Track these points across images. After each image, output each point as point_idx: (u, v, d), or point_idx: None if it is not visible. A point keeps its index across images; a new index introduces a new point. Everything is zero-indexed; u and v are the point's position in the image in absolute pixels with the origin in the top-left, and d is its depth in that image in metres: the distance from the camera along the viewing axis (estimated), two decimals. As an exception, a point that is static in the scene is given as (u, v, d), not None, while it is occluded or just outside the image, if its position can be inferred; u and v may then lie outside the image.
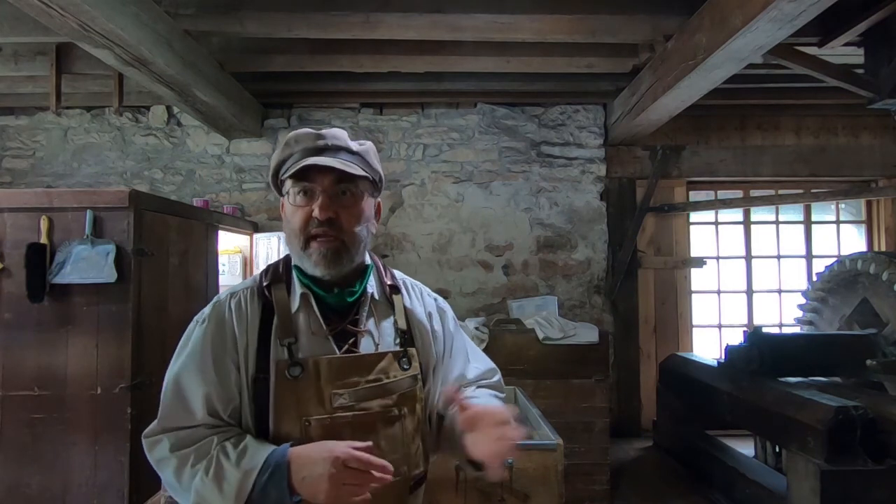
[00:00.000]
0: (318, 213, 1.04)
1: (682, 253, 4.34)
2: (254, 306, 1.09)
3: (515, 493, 1.75)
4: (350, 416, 1.05)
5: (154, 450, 1.04)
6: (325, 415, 1.04)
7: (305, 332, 1.08)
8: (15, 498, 2.35)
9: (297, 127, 4.05)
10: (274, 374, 1.04)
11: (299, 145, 1.09)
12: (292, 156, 1.09)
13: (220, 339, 1.07)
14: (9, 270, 2.38)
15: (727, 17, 2.36)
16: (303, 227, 1.06)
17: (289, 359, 1.04)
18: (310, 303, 1.10)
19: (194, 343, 1.08)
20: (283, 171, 1.11)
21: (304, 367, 1.04)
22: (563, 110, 4.18)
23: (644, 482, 3.32)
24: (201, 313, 1.12)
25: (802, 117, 4.37)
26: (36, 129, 4.15)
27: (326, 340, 1.09)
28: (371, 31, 2.85)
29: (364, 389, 1.07)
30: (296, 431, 1.03)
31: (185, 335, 1.11)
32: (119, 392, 2.37)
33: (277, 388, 1.03)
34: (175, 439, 1.02)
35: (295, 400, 1.03)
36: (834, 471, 2.25)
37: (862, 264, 3.05)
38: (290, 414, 1.03)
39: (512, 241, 4.12)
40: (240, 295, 1.11)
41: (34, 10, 2.13)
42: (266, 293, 1.10)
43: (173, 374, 1.07)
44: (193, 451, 1.01)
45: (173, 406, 1.05)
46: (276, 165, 1.12)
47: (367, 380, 1.08)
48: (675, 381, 3.63)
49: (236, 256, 3.85)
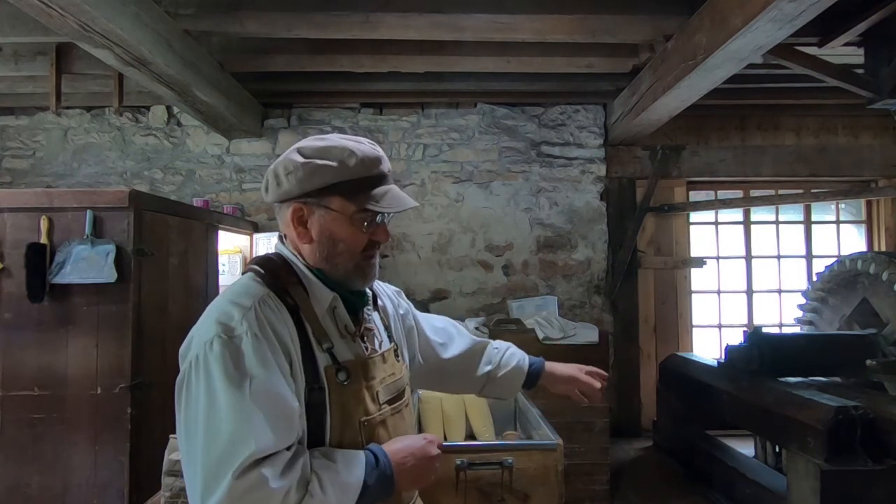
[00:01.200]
0: (383, 238, 1.12)
1: (682, 253, 4.34)
2: (284, 312, 1.03)
3: (515, 493, 1.75)
4: (389, 409, 1.13)
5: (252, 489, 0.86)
6: (378, 414, 1.10)
7: (335, 335, 1.09)
8: (15, 498, 2.35)
9: (297, 127, 4.12)
10: (327, 381, 1.03)
11: (366, 168, 1.05)
12: (370, 179, 1.06)
13: (275, 350, 0.97)
14: (9, 270, 2.38)
15: (727, 17, 2.36)
16: (363, 249, 1.10)
17: (334, 364, 1.05)
18: (337, 306, 1.11)
19: (256, 355, 0.94)
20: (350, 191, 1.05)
21: (349, 372, 1.06)
22: (563, 110, 4.18)
23: (644, 482, 3.32)
24: (226, 327, 0.95)
25: (802, 117, 4.37)
26: (36, 129, 4.15)
27: (354, 342, 1.12)
28: (371, 31, 2.85)
29: (390, 384, 1.15)
30: (353, 435, 1.04)
31: (222, 353, 0.92)
32: (119, 392, 2.37)
33: (333, 394, 1.03)
34: (271, 468, 0.88)
35: (354, 403, 1.06)
36: (834, 471, 2.25)
37: (862, 264, 3.05)
38: (351, 417, 1.05)
39: (512, 241, 4.12)
40: (268, 300, 1.02)
41: (34, 10, 2.13)
42: (287, 297, 1.05)
43: (255, 393, 0.91)
44: (290, 475, 0.90)
45: (275, 428, 0.90)
46: (333, 180, 1.04)
47: (388, 375, 1.16)
48: (675, 381, 3.63)
49: (236, 256, 3.85)
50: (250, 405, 0.89)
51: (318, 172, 1.03)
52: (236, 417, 0.89)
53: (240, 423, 0.88)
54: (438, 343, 1.47)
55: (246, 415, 0.89)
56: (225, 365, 0.91)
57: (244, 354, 0.93)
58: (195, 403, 0.91)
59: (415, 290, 4.03)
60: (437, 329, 1.49)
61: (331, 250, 1.08)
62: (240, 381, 0.91)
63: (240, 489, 0.85)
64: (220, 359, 0.92)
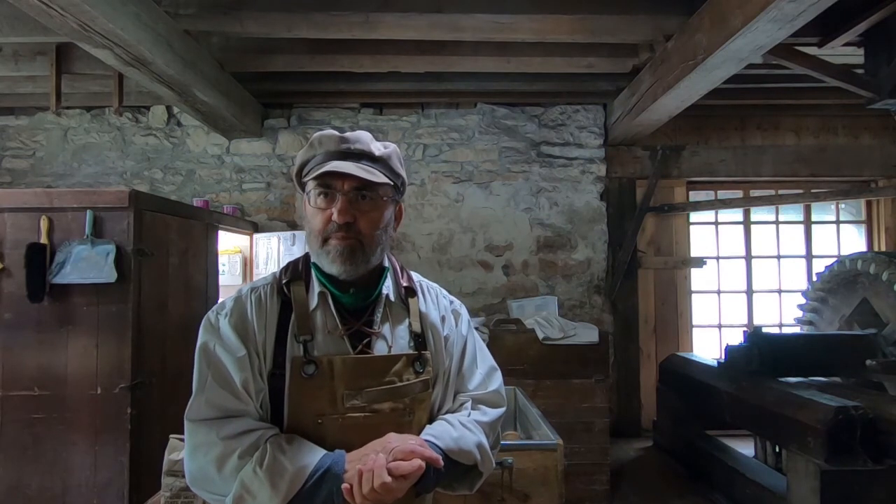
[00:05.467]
0: (336, 217, 1.06)
1: (682, 253, 4.34)
2: (273, 302, 1.11)
3: (515, 493, 1.75)
4: (361, 416, 1.06)
5: (197, 432, 1.03)
6: (337, 415, 1.05)
7: (321, 330, 1.09)
8: (15, 498, 2.35)
9: (297, 127, 4.12)
10: (289, 370, 1.05)
11: (323, 147, 1.10)
12: (315, 157, 1.11)
13: (245, 332, 1.08)
14: (9, 270, 2.38)
15: (727, 17, 2.36)
16: (322, 229, 1.09)
17: (304, 356, 1.06)
18: (327, 302, 1.11)
19: (224, 333, 1.08)
20: (305, 171, 1.13)
21: (319, 366, 1.06)
22: (563, 110, 4.18)
23: (644, 482, 3.32)
24: (222, 305, 1.13)
25: (802, 117, 4.37)
26: (36, 129, 4.15)
27: (341, 340, 1.10)
28: (371, 31, 2.85)
29: (376, 391, 1.08)
30: (309, 428, 1.05)
31: (207, 326, 1.11)
32: (119, 392, 2.37)
33: (292, 385, 1.05)
34: (225, 426, 1.02)
35: (309, 398, 1.05)
36: (834, 471, 2.25)
37: (862, 264, 3.05)
38: (304, 411, 1.05)
39: (512, 241, 4.12)
40: (260, 290, 1.13)
41: (34, 10, 2.13)
42: (285, 290, 1.12)
43: (210, 358, 1.07)
44: (241, 440, 1.01)
45: (220, 389, 1.05)
46: (300, 165, 1.14)
47: (380, 382, 1.09)
48: (675, 381, 3.63)
49: (236, 256, 3.85)
50: (204, 366, 1.07)
51: (297, 159, 1.15)
52: (195, 373, 1.08)
53: (195, 378, 1.07)
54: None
55: (199, 371, 1.07)
56: (202, 332, 1.11)
57: (218, 329, 1.10)
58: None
59: (415, 290, 4.02)
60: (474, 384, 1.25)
61: (307, 234, 1.13)
62: (204, 346, 1.09)
63: (191, 430, 1.04)
64: (203, 327, 1.11)
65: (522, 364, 3.14)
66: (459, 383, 1.23)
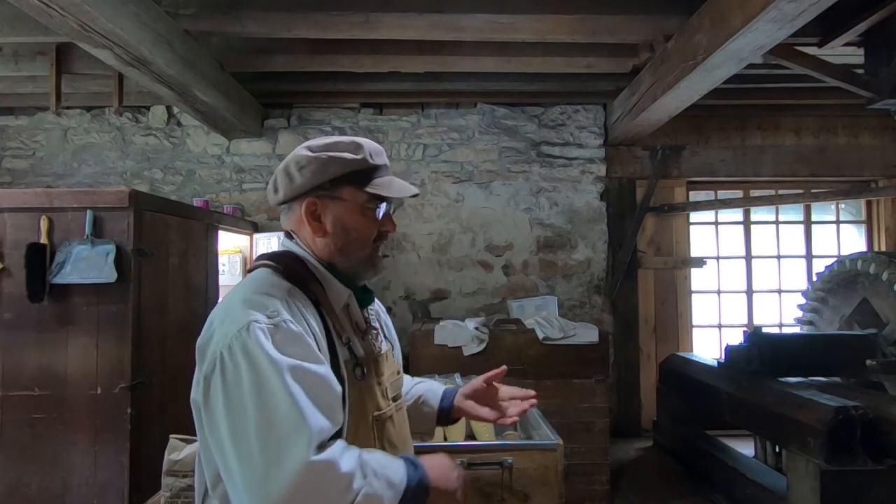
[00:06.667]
0: (391, 228, 1.15)
1: (682, 253, 4.34)
2: (310, 306, 1.04)
3: (515, 493, 1.75)
4: (394, 406, 1.16)
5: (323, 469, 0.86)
6: (388, 409, 1.13)
7: (350, 332, 1.12)
8: (15, 498, 2.35)
9: (297, 127, 4.12)
10: (346, 374, 1.05)
11: (380, 159, 1.13)
12: (377, 169, 1.11)
13: (309, 337, 0.98)
14: (9, 270, 2.38)
15: (727, 17, 2.36)
16: (373, 240, 1.13)
17: (353, 358, 1.08)
18: (351, 303, 1.14)
19: (297, 338, 0.95)
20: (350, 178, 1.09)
21: (363, 367, 1.08)
22: (563, 110, 4.18)
23: (644, 482, 3.32)
24: (262, 315, 0.94)
25: (802, 117, 4.37)
26: (36, 129, 4.15)
27: (365, 340, 1.15)
28: (371, 31, 2.85)
29: (395, 382, 1.20)
30: (367, 427, 1.07)
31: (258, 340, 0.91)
32: (119, 392, 2.37)
33: (351, 388, 1.05)
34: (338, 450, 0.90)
35: (368, 397, 1.09)
36: (834, 471, 2.25)
37: (862, 264, 3.05)
38: (364, 411, 1.07)
39: (512, 241, 4.12)
40: (295, 293, 1.03)
41: (34, 10, 2.13)
42: (309, 292, 1.07)
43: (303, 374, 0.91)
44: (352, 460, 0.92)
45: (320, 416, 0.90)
46: (351, 170, 1.07)
47: (393, 373, 1.20)
48: (675, 381, 3.63)
49: (236, 256, 3.85)
50: (299, 388, 0.89)
51: (331, 163, 1.07)
52: (290, 400, 0.88)
53: (295, 406, 0.88)
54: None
55: (299, 397, 0.89)
56: (268, 349, 0.90)
57: (286, 339, 0.93)
58: (237, 390, 0.89)
59: (415, 290, 4.03)
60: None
61: (344, 241, 1.11)
62: (287, 364, 0.90)
63: (311, 471, 0.85)
64: (260, 344, 0.90)
65: (522, 364, 3.14)
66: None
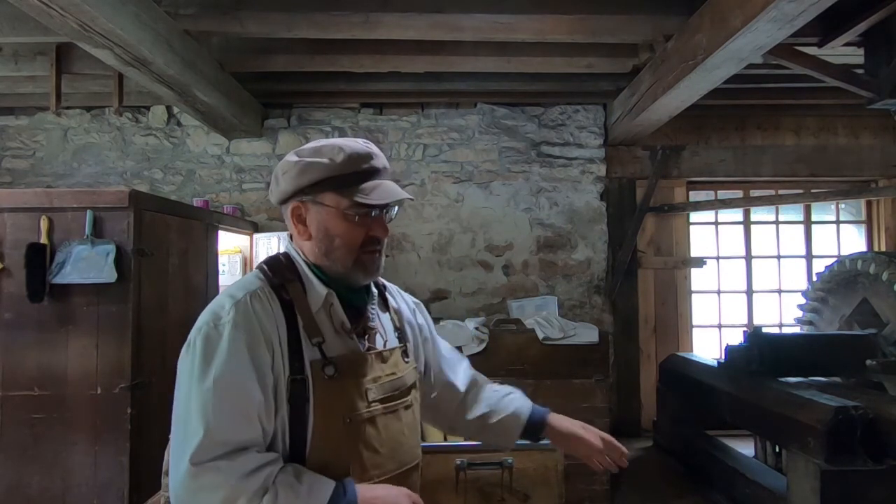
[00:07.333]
0: (380, 234, 1.16)
1: (682, 253, 4.34)
2: (276, 306, 1.08)
3: (515, 493, 1.75)
4: (381, 408, 1.13)
5: (203, 475, 0.93)
6: (365, 410, 1.10)
7: (329, 331, 1.11)
8: (15, 498, 2.35)
9: (297, 127, 4.12)
10: (311, 374, 1.06)
11: (367, 164, 1.11)
12: (364, 173, 1.11)
13: (255, 341, 1.03)
14: (9, 270, 2.38)
15: (727, 17, 2.36)
16: (361, 244, 1.13)
17: (322, 358, 1.07)
18: (333, 303, 1.14)
19: (230, 345, 1.00)
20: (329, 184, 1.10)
21: (337, 366, 1.08)
22: (563, 110, 4.18)
23: (644, 482, 3.32)
24: (216, 315, 1.04)
25: (802, 117, 4.37)
26: (36, 129, 4.15)
27: (350, 339, 1.14)
28: (371, 31, 2.85)
29: (387, 383, 1.17)
30: (337, 429, 1.06)
31: (204, 339, 1.01)
32: (119, 392, 2.37)
33: (318, 388, 1.05)
34: (233, 465, 0.94)
35: (338, 398, 1.07)
36: (834, 471, 2.25)
37: (862, 264, 3.04)
38: (333, 412, 1.06)
39: (512, 241, 4.12)
40: (259, 294, 1.08)
41: (34, 10, 2.13)
42: (284, 293, 1.10)
43: (216, 381, 0.97)
44: (250, 481, 0.94)
45: (230, 420, 0.96)
46: (320, 178, 1.09)
47: (386, 374, 1.17)
48: (675, 381, 3.63)
49: (236, 256, 3.85)
50: (211, 395, 0.97)
51: (308, 169, 1.10)
52: (196, 406, 0.97)
53: (197, 412, 0.96)
54: (447, 360, 1.46)
55: (204, 403, 0.97)
56: (203, 353, 1.00)
57: (219, 344, 1.00)
58: (179, 385, 1.03)
59: (415, 290, 4.01)
60: (447, 349, 1.51)
61: (328, 246, 1.12)
62: (208, 371, 0.99)
63: (195, 474, 0.93)
64: (201, 347, 1.01)
65: (522, 364, 3.14)
66: (435, 352, 1.43)
